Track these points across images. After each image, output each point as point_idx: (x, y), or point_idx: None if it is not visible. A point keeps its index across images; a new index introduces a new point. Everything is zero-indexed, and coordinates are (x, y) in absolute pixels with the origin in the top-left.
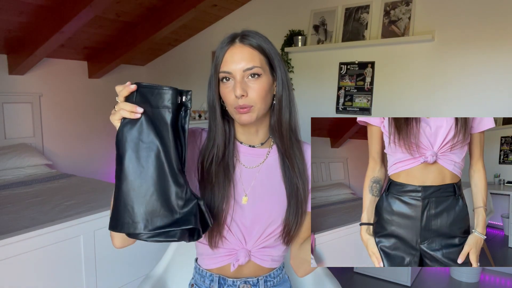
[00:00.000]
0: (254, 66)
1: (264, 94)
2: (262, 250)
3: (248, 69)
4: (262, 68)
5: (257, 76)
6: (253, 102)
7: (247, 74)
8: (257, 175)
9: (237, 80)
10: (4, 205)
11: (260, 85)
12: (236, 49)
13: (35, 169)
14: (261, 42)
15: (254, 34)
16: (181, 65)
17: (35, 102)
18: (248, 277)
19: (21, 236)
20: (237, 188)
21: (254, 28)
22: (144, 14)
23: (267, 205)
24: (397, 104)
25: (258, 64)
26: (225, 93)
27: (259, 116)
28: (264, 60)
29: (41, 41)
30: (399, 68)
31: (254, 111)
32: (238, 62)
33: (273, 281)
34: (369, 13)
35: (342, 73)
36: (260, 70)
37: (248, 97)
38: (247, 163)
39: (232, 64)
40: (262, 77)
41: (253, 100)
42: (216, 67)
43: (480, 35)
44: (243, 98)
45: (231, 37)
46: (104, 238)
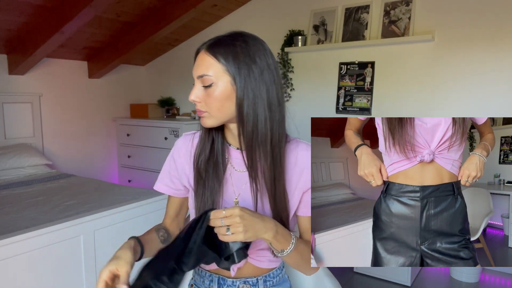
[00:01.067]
0: (204, 75)
1: (216, 103)
2: (258, 252)
3: (199, 76)
4: (216, 77)
5: (208, 85)
6: (208, 109)
7: (200, 82)
8: (248, 178)
9: (194, 85)
10: (4, 205)
11: (211, 94)
12: (199, 55)
13: (35, 169)
14: (221, 51)
15: (222, 41)
16: (181, 65)
17: (35, 102)
18: (248, 277)
19: (21, 236)
20: (228, 190)
21: (254, 28)
22: (144, 14)
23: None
24: (397, 104)
25: (211, 73)
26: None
27: (221, 122)
28: (222, 70)
29: (41, 41)
30: (399, 68)
31: (210, 117)
32: (196, 68)
33: (272, 281)
34: (369, 13)
35: (342, 73)
36: (212, 79)
37: (202, 103)
38: (238, 166)
39: (194, 69)
40: (213, 86)
41: (207, 107)
42: None
43: (480, 35)
44: (198, 104)
45: (202, 43)
46: (104, 238)
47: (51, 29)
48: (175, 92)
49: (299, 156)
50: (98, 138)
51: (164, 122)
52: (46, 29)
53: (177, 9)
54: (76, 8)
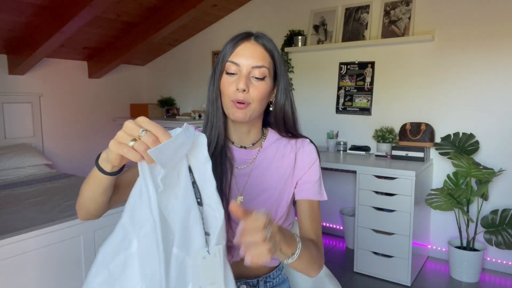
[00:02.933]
0: (263, 66)
1: (263, 96)
2: None
3: (257, 66)
4: (269, 71)
5: (262, 77)
6: (251, 100)
7: (253, 72)
8: (250, 175)
9: (242, 74)
10: (4, 205)
11: (262, 86)
12: (250, 45)
13: (35, 169)
14: (273, 48)
15: (269, 39)
16: (181, 65)
17: (35, 102)
18: (248, 278)
19: (21, 236)
20: (232, 188)
21: (254, 28)
22: (144, 14)
23: (262, 204)
24: (397, 104)
25: (267, 66)
26: (226, 84)
27: (252, 116)
28: (272, 65)
29: (41, 41)
30: (399, 68)
31: (249, 109)
32: (249, 57)
33: (272, 282)
34: (369, 13)
35: (342, 73)
36: (267, 72)
37: (248, 93)
38: (240, 164)
39: (242, 57)
40: (266, 79)
41: (252, 98)
42: (224, 57)
43: (480, 35)
44: (244, 93)
45: (246, 33)
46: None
47: (51, 29)
48: (175, 92)
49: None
50: (98, 138)
51: (164, 122)
52: (46, 29)
53: (177, 9)
54: (76, 8)
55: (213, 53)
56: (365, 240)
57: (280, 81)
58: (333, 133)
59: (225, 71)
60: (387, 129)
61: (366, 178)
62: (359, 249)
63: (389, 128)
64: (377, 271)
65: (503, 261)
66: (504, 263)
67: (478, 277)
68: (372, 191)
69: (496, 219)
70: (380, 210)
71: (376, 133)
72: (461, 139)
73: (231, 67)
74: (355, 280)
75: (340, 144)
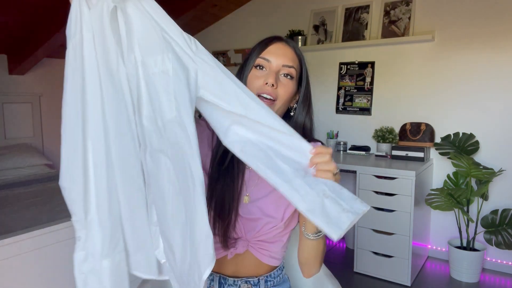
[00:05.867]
0: (293, 66)
1: (289, 95)
2: (260, 243)
3: (287, 66)
4: (296, 74)
5: (290, 77)
6: (278, 96)
7: (282, 70)
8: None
9: (272, 70)
10: (4, 205)
11: (289, 85)
12: (282, 45)
13: (35, 169)
14: (301, 54)
15: (298, 46)
16: None
17: (35, 102)
18: (249, 276)
19: (21, 236)
20: (240, 187)
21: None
22: None
23: (268, 205)
24: (397, 104)
25: (296, 67)
26: (253, 78)
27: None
28: (299, 69)
29: (41, 41)
30: (399, 68)
31: (274, 106)
32: (280, 55)
33: (273, 281)
34: (369, 13)
35: (342, 73)
36: (295, 73)
37: (276, 89)
38: None
39: (274, 55)
40: (293, 81)
41: (278, 95)
42: (255, 54)
43: (480, 35)
44: (272, 88)
45: (277, 36)
46: None
47: (51, 29)
48: None
49: None
50: None
51: None
52: (46, 29)
53: (177, 9)
54: None
55: (213, 53)
56: (365, 240)
57: (303, 87)
58: (333, 133)
59: (253, 66)
60: (387, 129)
61: (366, 178)
62: (359, 249)
63: (389, 128)
64: (377, 271)
65: (503, 261)
66: (504, 263)
67: (478, 277)
68: (372, 191)
69: (496, 219)
70: (380, 210)
71: (376, 133)
72: (461, 139)
73: (262, 62)
74: (355, 280)
75: (340, 144)
